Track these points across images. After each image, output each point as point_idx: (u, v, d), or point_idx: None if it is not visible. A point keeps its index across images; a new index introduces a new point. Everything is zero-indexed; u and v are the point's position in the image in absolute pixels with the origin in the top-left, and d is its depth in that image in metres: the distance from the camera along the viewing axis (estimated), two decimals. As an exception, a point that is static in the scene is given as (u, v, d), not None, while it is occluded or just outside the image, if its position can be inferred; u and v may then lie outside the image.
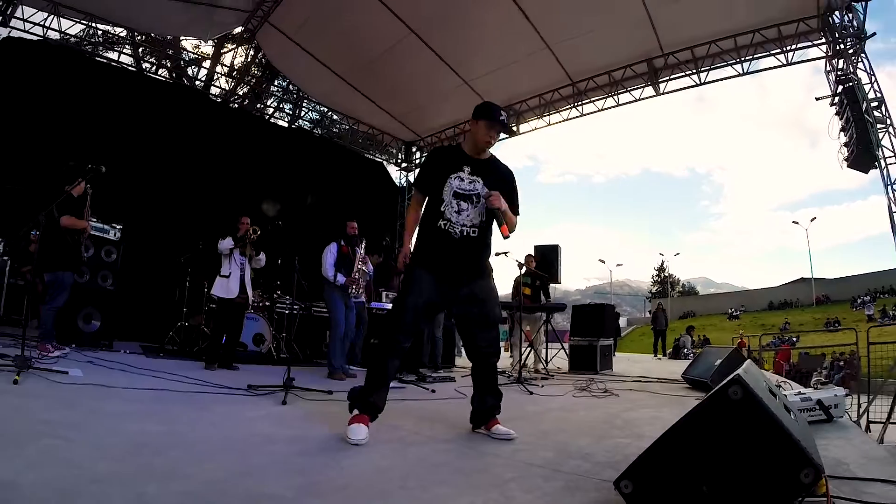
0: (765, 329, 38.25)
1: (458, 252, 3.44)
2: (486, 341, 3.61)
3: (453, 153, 3.61)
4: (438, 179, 3.49)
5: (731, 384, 1.86)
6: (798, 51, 10.12)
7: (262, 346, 8.56)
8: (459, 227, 3.43)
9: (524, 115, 13.42)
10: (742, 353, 8.16)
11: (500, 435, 3.46)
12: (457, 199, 3.45)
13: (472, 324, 3.59)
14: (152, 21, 11.99)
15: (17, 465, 2.15)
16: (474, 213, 3.46)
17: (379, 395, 3.32)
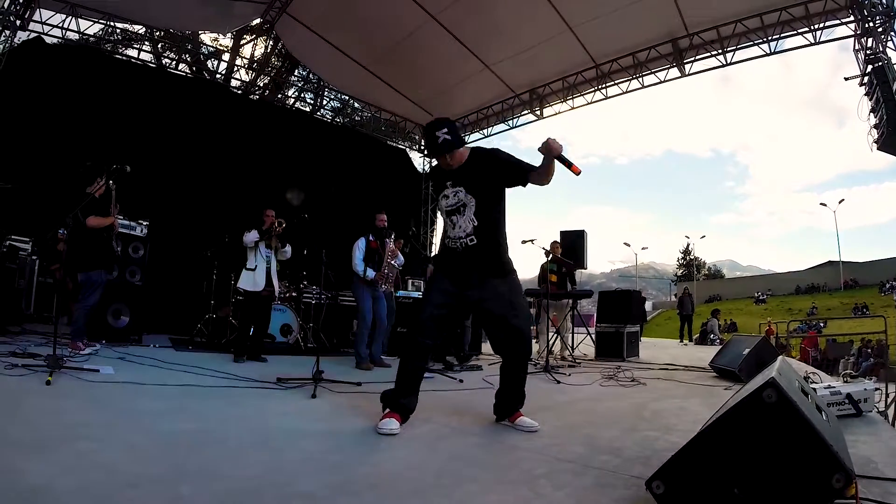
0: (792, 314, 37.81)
1: (464, 263, 3.49)
2: (506, 339, 3.59)
3: (438, 173, 3.70)
4: (437, 203, 3.72)
5: (765, 387, 1.84)
6: (826, 29, 9.86)
7: (290, 336, 8.64)
8: (458, 241, 3.50)
9: (547, 99, 13.28)
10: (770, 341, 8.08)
11: (525, 427, 3.50)
12: (449, 216, 3.55)
13: (489, 324, 3.68)
14: (170, 17, 12.05)
15: (53, 470, 2.18)
16: (465, 222, 3.48)
17: (409, 399, 3.41)
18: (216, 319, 8.73)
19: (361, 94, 14.56)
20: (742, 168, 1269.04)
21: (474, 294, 3.48)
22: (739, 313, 40.97)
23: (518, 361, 3.62)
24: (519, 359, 3.61)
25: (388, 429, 3.18)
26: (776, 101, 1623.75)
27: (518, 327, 3.52)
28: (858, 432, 3.47)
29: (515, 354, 3.60)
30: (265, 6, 11.92)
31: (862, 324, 22.05)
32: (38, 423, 2.99)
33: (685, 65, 11.31)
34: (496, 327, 3.59)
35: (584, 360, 8.70)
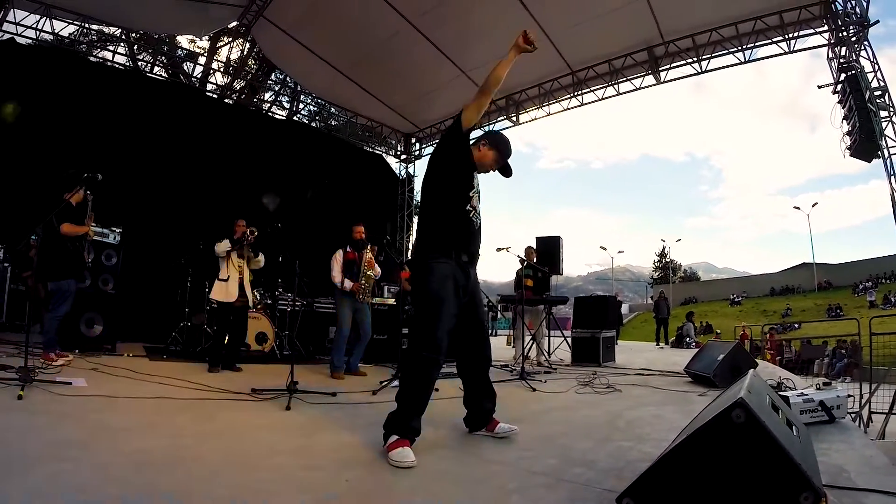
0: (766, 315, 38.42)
1: (478, 240, 3.52)
2: (482, 339, 3.56)
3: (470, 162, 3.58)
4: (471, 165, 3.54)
5: (734, 407, 1.87)
6: (800, 38, 10.02)
7: (265, 344, 8.59)
8: (478, 217, 3.50)
9: (523, 105, 13.33)
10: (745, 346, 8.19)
11: (504, 433, 3.50)
12: (475, 194, 3.51)
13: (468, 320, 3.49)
14: (147, 19, 11.91)
15: (25, 496, 2.14)
16: (479, 208, 3.55)
17: (418, 420, 3.15)
18: (191, 327, 8.66)
19: (338, 99, 14.50)
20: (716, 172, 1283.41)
21: (472, 276, 3.47)
22: (715, 315, 41.52)
23: (488, 356, 3.62)
24: (488, 353, 3.62)
25: (408, 461, 2.86)
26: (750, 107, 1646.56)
27: (486, 322, 3.64)
28: (831, 440, 3.51)
29: (486, 349, 3.59)
30: (242, 9, 11.85)
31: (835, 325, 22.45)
32: (9, 442, 2.94)
33: (661, 72, 11.42)
34: (474, 319, 3.52)
35: (560, 365, 8.75)
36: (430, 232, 3.44)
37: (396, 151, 16.45)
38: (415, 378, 3.18)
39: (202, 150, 11.37)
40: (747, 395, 1.97)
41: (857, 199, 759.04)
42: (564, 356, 9.65)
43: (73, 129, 9.78)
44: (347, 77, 13.05)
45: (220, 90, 14.56)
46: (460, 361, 3.59)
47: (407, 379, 3.23)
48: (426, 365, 3.17)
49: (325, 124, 15.64)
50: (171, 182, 10.75)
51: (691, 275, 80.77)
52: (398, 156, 16.51)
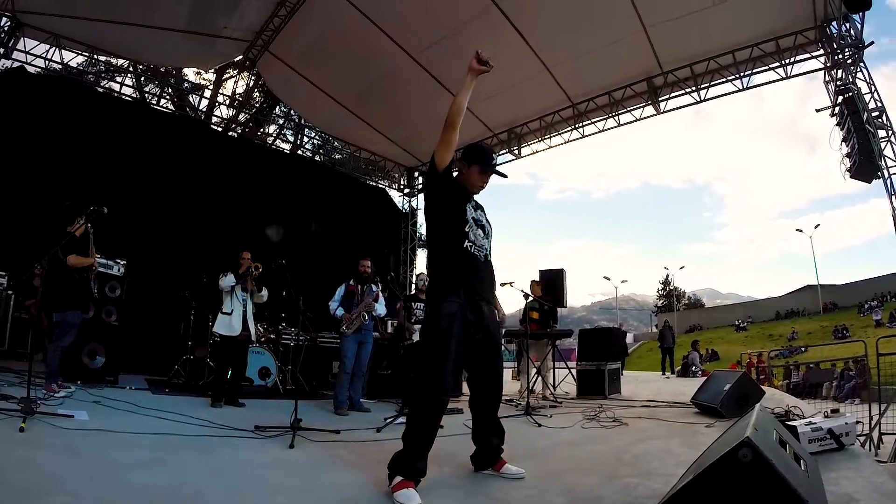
0: (772, 340, 38.12)
1: (485, 273, 3.47)
2: (495, 378, 3.53)
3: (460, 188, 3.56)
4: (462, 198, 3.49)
5: (741, 446, 1.85)
6: (796, 63, 10.10)
7: (268, 379, 8.56)
8: (481, 250, 3.43)
9: (525, 138, 13.43)
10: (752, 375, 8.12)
11: (511, 475, 3.44)
12: (476, 226, 3.46)
13: (482, 351, 3.45)
14: (154, 52, 12.13)
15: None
16: (486, 242, 3.50)
17: (423, 461, 3.08)
18: (193, 360, 8.63)
19: (341, 133, 14.66)
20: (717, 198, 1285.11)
21: (486, 313, 3.39)
22: (720, 342, 41.21)
23: (499, 395, 3.60)
24: (499, 392, 3.61)
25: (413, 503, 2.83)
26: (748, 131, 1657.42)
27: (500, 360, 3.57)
28: (841, 468, 3.48)
29: (498, 388, 3.57)
30: (247, 44, 12.05)
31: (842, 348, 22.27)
32: (10, 476, 2.92)
33: (660, 102, 11.52)
34: (488, 357, 3.47)
35: (566, 398, 8.67)
36: (435, 273, 3.45)
37: (399, 185, 16.53)
38: (420, 418, 3.15)
39: (207, 182, 11.43)
40: (754, 433, 1.95)
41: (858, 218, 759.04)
42: (570, 389, 9.57)
43: (78, 159, 9.85)
44: (350, 111, 13.19)
45: (224, 123, 14.70)
46: (472, 397, 3.56)
47: (413, 419, 3.19)
48: (432, 405, 3.15)
49: (329, 158, 15.74)
50: (176, 214, 10.79)
51: (695, 302, 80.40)
52: (401, 189, 16.59)
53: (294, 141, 15.66)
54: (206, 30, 11.27)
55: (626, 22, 9.88)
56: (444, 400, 3.16)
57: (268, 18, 11.14)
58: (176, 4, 10.40)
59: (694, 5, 9.42)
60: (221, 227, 10.91)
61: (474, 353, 3.40)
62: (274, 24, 11.22)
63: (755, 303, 56.73)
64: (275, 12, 10.89)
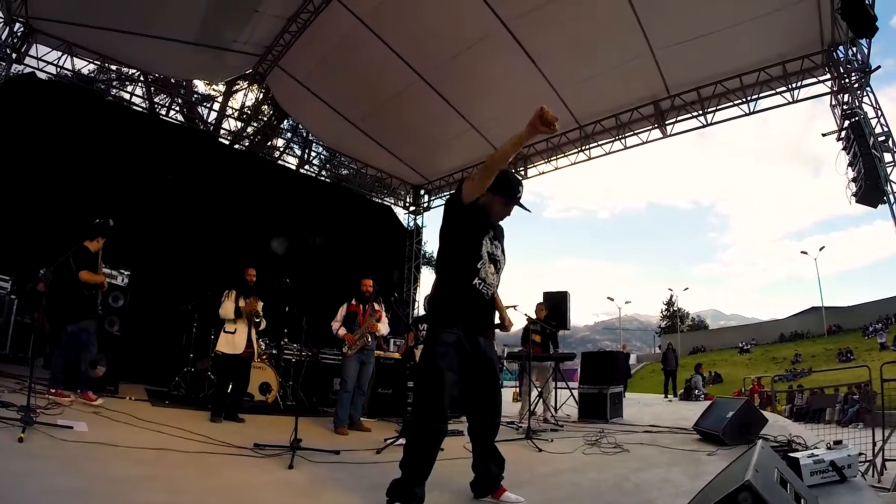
0: (776, 363, 37.87)
1: (488, 310, 3.53)
2: (492, 406, 3.51)
3: (482, 216, 3.53)
4: (480, 233, 3.49)
5: (741, 490, 1.84)
6: (803, 88, 10.09)
7: (269, 394, 8.53)
8: (488, 288, 3.44)
9: (532, 159, 13.47)
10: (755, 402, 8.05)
11: (511, 503, 3.41)
12: (491, 261, 3.47)
13: (480, 379, 3.45)
14: (164, 63, 12.23)
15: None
16: (495, 278, 3.52)
17: (422, 487, 3.11)
18: (194, 373, 8.62)
19: (348, 150, 14.74)
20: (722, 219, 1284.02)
21: (483, 344, 3.42)
22: (724, 364, 40.98)
23: (496, 423, 3.56)
24: (497, 419, 3.57)
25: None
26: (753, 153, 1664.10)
27: (498, 388, 3.59)
28: (842, 501, 3.46)
29: (495, 416, 3.53)
30: (257, 58, 12.17)
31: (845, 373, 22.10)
32: (7, 488, 2.92)
33: (666, 126, 11.53)
34: (485, 386, 3.47)
35: (567, 421, 8.61)
36: (438, 302, 3.49)
37: (405, 202, 16.58)
38: (418, 446, 3.16)
39: (213, 195, 11.48)
40: (754, 475, 1.94)
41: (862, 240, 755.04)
42: (571, 412, 9.50)
43: (85, 166, 9.93)
44: (358, 128, 13.28)
45: (233, 135, 14.79)
46: (470, 424, 3.55)
47: (410, 447, 3.19)
48: (429, 434, 3.17)
49: (335, 173, 15.78)
50: (181, 226, 10.82)
51: (699, 323, 80.00)
52: (407, 207, 16.64)
53: (301, 155, 15.71)
54: (217, 43, 11.37)
55: (634, 45, 9.93)
56: (441, 429, 3.19)
57: (278, 34, 11.25)
58: (188, 17, 10.49)
59: (702, 29, 9.46)
60: (226, 240, 10.93)
61: (470, 383, 3.42)
62: (284, 40, 11.32)
63: (759, 325, 56.49)
64: (285, 28, 11.00)
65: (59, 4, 9.86)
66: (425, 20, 10.16)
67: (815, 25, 9.19)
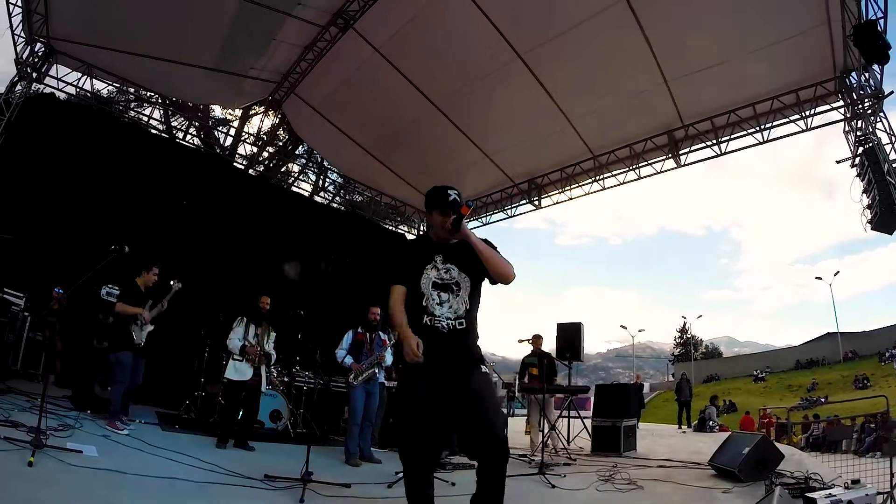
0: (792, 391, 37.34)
1: (450, 346, 3.12)
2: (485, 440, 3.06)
3: (423, 245, 3.39)
4: (415, 271, 3.24)
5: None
6: (817, 116, 9.97)
7: (279, 423, 8.49)
8: (444, 321, 3.14)
9: (546, 189, 13.38)
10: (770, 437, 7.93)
11: None
12: (437, 291, 3.20)
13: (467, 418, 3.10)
14: (183, 87, 12.37)
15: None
16: (457, 303, 3.19)
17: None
18: (205, 397, 8.59)
19: (362, 177, 14.75)
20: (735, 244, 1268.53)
21: (456, 381, 3.07)
22: (738, 392, 40.37)
23: (497, 467, 3.06)
24: (498, 463, 3.06)
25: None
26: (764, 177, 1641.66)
27: (496, 425, 3.10)
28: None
29: (495, 458, 3.06)
30: (274, 85, 12.27)
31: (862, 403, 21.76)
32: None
33: (681, 156, 11.47)
34: (475, 424, 3.08)
35: (579, 454, 8.51)
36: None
37: (419, 230, 16.50)
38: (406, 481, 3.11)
39: (227, 219, 11.45)
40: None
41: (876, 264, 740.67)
42: (584, 444, 9.40)
43: (101, 187, 9.94)
44: (373, 156, 13.34)
45: (248, 160, 14.91)
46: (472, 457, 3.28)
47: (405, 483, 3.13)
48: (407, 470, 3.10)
49: (349, 199, 15.82)
50: (194, 250, 10.74)
51: (713, 350, 79.10)
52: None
53: (316, 181, 15.80)
54: (235, 69, 11.50)
55: (648, 75, 9.94)
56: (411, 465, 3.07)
57: (295, 62, 11.34)
58: (206, 43, 10.63)
59: (715, 59, 9.46)
60: (239, 265, 10.89)
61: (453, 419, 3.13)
62: (301, 68, 11.42)
63: (774, 352, 55.76)
64: (302, 56, 11.10)
65: (79, 26, 10.00)
66: (440, 50, 10.25)
67: (828, 52, 9.14)
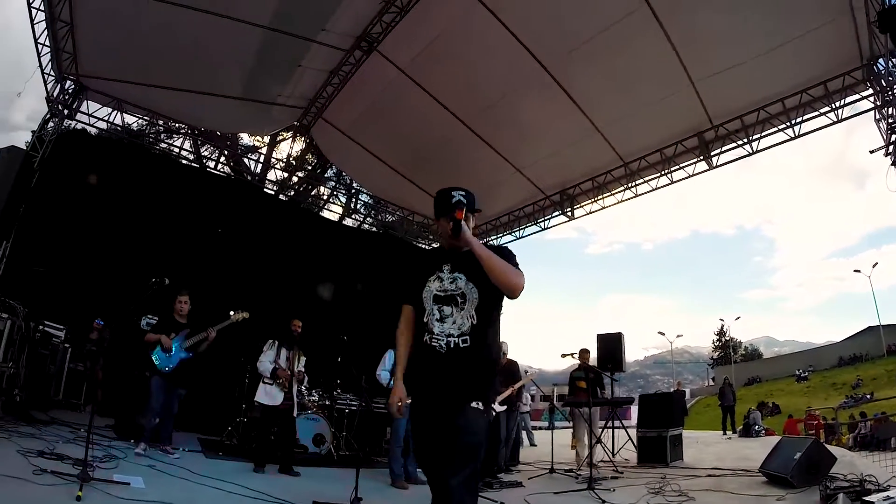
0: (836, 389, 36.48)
1: (447, 369, 2.75)
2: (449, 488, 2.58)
3: (432, 254, 3.20)
4: (417, 284, 2.95)
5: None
6: (846, 106, 9.70)
7: (322, 446, 8.49)
8: (444, 339, 2.77)
9: (577, 199, 13.16)
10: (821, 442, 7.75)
11: None
12: (439, 305, 2.85)
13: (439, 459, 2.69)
14: (211, 118, 12.59)
15: None
16: (462, 318, 2.80)
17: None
18: (247, 423, 8.63)
19: (394, 198, 14.80)
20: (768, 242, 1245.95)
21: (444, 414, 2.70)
22: (781, 394, 39.52)
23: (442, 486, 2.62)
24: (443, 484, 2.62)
25: None
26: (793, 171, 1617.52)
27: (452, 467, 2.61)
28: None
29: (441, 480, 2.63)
30: (301, 111, 12.39)
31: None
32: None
33: (712, 157, 11.27)
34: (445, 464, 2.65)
35: (626, 467, 8.39)
36: None
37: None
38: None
39: (259, 245, 11.61)
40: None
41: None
42: (629, 456, 9.26)
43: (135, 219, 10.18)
44: (403, 176, 13.38)
45: (278, 185, 15.09)
46: None
47: None
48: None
49: (381, 219, 15.84)
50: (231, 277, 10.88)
51: (752, 352, 77.64)
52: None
53: (346, 202, 15.92)
54: (262, 97, 11.65)
55: (673, 78, 9.83)
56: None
57: (321, 87, 11.46)
58: (233, 72, 10.80)
59: (740, 57, 9.32)
60: (273, 290, 10.99)
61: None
62: (327, 92, 11.53)
63: (816, 350, 54.57)
64: (328, 81, 11.21)
65: (107, 63, 10.23)
66: (464, 67, 10.29)
67: (853, 40, 8.90)
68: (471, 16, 9.19)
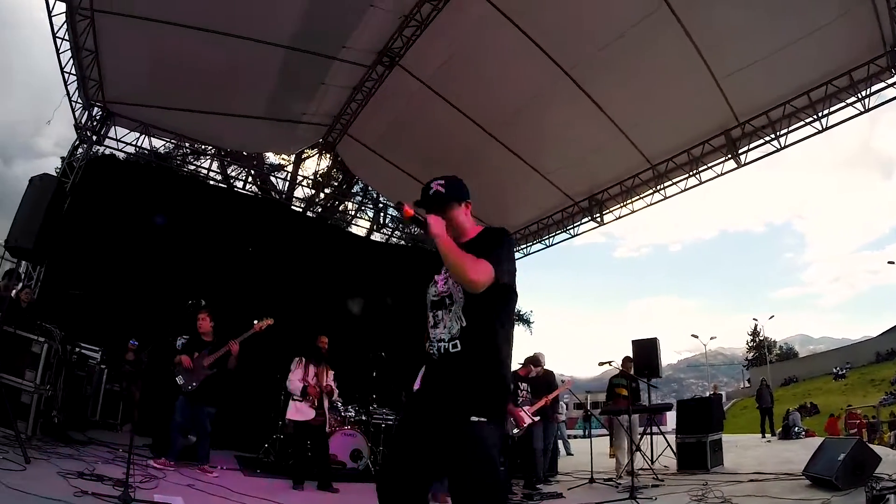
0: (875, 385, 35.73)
1: (437, 377, 2.56)
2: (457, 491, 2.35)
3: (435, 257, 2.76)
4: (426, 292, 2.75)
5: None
6: (873, 95, 9.51)
7: (360, 461, 8.51)
8: (436, 345, 2.56)
9: (606, 204, 13.06)
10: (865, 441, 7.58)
11: None
12: (433, 311, 2.65)
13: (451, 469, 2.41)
14: (237, 139, 12.75)
15: None
16: (451, 320, 2.55)
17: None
18: (283, 440, 8.68)
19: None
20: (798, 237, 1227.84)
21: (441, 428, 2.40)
22: (819, 393, 38.80)
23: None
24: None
25: None
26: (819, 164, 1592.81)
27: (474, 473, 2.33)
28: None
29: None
30: (326, 128, 12.54)
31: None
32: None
33: (740, 155, 11.13)
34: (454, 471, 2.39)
35: (666, 474, 8.27)
36: None
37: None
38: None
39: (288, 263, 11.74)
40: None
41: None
42: (669, 462, 9.13)
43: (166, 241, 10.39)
44: (430, 188, 13.36)
45: (305, 203, 15.23)
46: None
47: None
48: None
49: (409, 232, 15.91)
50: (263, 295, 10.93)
51: (788, 351, 76.28)
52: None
53: (374, 217, 16.01)
54: (287, 116, 11.83)
55: (697, 77, 9.74)
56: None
57: (345, 103, 11.57)
58: (257, 93, 10.97)
59: (762, 52, 9.22)
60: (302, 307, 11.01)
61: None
62: (351, 109, 11.63)
63: (852, 347, 53.59)
64: (351, 97, 11.32)
65: (133, 89, 10.47)
66: (487, 77, 10.31)
67: (875, 28, 8.71)
68: (490, 25, 9.21)
